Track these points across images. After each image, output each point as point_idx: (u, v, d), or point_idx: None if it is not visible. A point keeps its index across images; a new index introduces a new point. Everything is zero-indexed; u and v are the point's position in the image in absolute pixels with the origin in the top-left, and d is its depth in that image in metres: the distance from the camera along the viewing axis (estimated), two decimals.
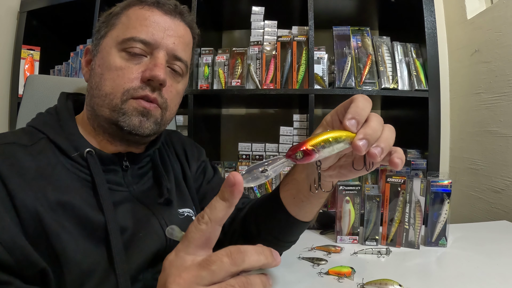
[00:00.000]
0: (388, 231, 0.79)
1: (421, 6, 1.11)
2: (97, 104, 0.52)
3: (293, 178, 0.52)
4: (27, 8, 1.46)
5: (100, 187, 0.47)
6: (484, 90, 1.23)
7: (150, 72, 0.50)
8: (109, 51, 0.52)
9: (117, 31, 0.52)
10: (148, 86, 0.51)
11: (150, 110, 0.52)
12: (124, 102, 0.50)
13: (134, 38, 0.50)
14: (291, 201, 0.53)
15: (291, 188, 0.53)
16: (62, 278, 0.42)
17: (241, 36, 1.61)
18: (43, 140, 0.49)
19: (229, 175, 0.29)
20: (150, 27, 0.52)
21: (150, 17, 0.52)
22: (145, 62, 0.52)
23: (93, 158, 0.49)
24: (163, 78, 0.50)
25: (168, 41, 0.53)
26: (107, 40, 0.53)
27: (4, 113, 1.45)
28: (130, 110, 0.50)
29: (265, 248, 0.30)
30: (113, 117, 0.50)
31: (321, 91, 1.15)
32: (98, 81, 0.52)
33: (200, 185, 0.70)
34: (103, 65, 0.52)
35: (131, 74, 0.50)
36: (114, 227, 0.46)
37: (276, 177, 1.19)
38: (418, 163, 1.11)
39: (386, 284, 0.57)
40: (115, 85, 0.50)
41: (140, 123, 0.51)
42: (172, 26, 0.54)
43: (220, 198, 0.29)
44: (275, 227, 0.57)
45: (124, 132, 0.51)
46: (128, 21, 0.52)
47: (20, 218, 0.41)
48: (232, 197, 0.29)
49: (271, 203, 0.56)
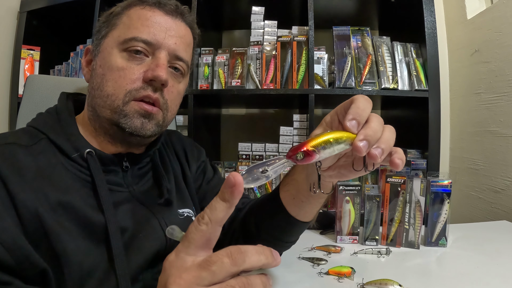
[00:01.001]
0: (388, 231, 0.79)
1: (421, 6, 1.11)
2: (98, 105, 0.51)
3: (293, 179, 0.52)
4: (27, 8, 1.46)
5: (100, 188, 0.47)
6: (484, 90, 1.23)
7: (152, 72, 0.50)
8: (110, 51, 0.52)
9: (118, 31, 0.52)
10: (150, 86, 0.51)
11: (151, 112, 0.52)
12: (126, 103, 0.50)
13: (136, 38, 0.50)
14: (291, 201, 0.53)
15: (291, 189, 0.53)
16: (62, 278, 0.42)
17: (241, 36, 1.61)
18: (43, 140, 0.49)
19: (229, 175, 0.29)
20: (152, 27, 0.52)
21: (151, 17, 0.52)
22: (147, 62, 0.52)
23: (93, 158, 0.49)
24: (165, 78, 0.50)
25: (170, 41, 0.53)
26: (108, 40, 0.53)
27: (4, 113, 1.45)
28: (132, 112, 0.50)
29: (265, 248, 0.30)
30: (115, 118, 0.50)
31: (321, 91, 1.15)
32: (99, 82, 0.51)
33: (200, 185, 0.70)
34: (104, 66, 0.52)
35: (133, 74, 0.50)
36: (114, 228, 0.46)
37: (277, 177, 1.19)
38: (418, 163, 1.11)
39: (386, 284, 0.57)
40: (117, 86, 0.50)
41: (142, 125, 0.51)
42: (173, 27, 0.54)
43: (220, 198, 0.29)
44: (275, 227, 0.57)
45: (125, 133, 0.51)
46: (129, 21, 0.52)
47: (21, 219, 0.41)
48: (232, 197, 0.29)
49: (271, 203, 0.56)
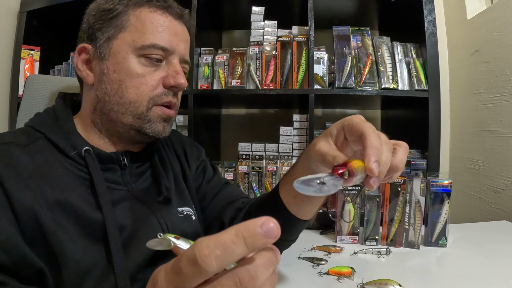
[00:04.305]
0: (388, 231, 0.79)
1: (421, 6, 1.11)
2: (116, 111, 0.52)
3: (294, 179, 0.51)
4: (27, 8, 1.46)
5: (98, 185, 0.47)
6: (484, 90, 1.23)
7: (175, 80, 0.53)
8: (125, 57, 0.51)
9: (131, 34, 0.52)
10: (171, 91, 0.54)
11: (172, 116, 0.55)
12: (149, 109, 0.53)
13: (155, 45, 0.52)
14: (292, 200, 0.54)
15: (292, 188, 0.52)
16: (60, 277, 0.42)
17: (241, 36, 1.61)
18: (40, 139, 0.49)
19: (270, 222, 0.22)
20: (167, 33, 0.53)
21: (165, 22, 0.53)
22: (163, 68, 0.54)
23: (91, 156, 0.49)
24: (186, 85, 0.54)
25: (181, 47, 0.55)
26: (119, 43, 0.52)
27: (4, 113, 1.45)
28: (155, 117, 0.53)
29: (271, 255, 0.24)
30: (137, 124, 0.52)
31: (321, 91, 1.15)
32: (117, 88, 0.52)
33: (200, 184, 0.70)
34: (121, 71, 0.51)
35: (153, 81, 0.52)
36: (112, 225, 0.46)
37: (277, 178, 1.19)
38: (418, 163, 1.11)
39: (386, 284, 0.57)
40: (140, 93, 0.52)
41: (163, 128, 0.55)
42: (181, 31, 0.56)
43: (244, 243, 0.22)
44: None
45: (145, 136, 0.54)
46: (142, 25, 0.52)
47: (17, 218, 0.40)
48: (258, 247, 0.22)
49: (271, 202, 0.57)
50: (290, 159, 1.19)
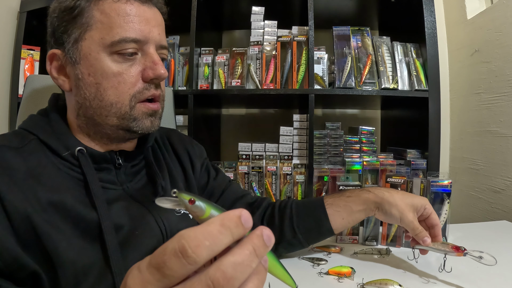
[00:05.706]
0: (388, 231, 0.79)
1: (421, 6, 1.11)
2: (99, 115, 0.50)
3: (352, 210, 0.65)
4: (27, 8, 1.46)
5: (92, 184, 0.47)
6: (484, 90, 1.23)
7: (153, 72, 0.50)
8: (97, 57, 0.48)
9: (98, 32, 0.48)
10: (152, 84, 0.52)
11: (157, 110, 0.54)
12: (133, 108, 0.51)
13: (126, 39, 0.48)
14: (339, 221, 0.66)
15: (343, 212, 0.65)
16: (56, 278, 0.41)
17: (241, 36, 1.61)
18: (33, 141, 0.48)
19: (245, 213, 0.23)
20: (135, 22, 0.49)
21: (131, 11, 0.49)
22: (139, 60, 0.51)
23: (84, 156, 0.49)
24: (166, 75, 0.51)
25: (155, 33, 0.51)
26: (88, 43, 0.48)
27: (4, 113, 1.45)
28: (140, 115, 0.52)
29: (256, 242, 0.23)
30: (123, 124, 0.51)
31: (321, 91, 1.15)
32: (95, 92, 0.49)
33: (207, 181, 0.71)
34: (96, 74, 0.49)
35: (131, 77, 0.50)
36: (108, 224, 0.45)
37: (277, 178, 1.19)
38: (418, 163, 1.11)
39: (386, 284, 0.57)
40: (119, 92, 0.49)
41: (151, 123, 0.53)
42: (152, 16, 0.52)
43: (231, 233, 0.22)
44: (313, 235, 0.68)
45: (134, 134, 0.53)
46: (107, 19, 0.48)
47: (10, 220, 0.40)
48: (240, 236, 0.23)
49: (319, 216, 0.66)
50: (290, 159, 1.20)
